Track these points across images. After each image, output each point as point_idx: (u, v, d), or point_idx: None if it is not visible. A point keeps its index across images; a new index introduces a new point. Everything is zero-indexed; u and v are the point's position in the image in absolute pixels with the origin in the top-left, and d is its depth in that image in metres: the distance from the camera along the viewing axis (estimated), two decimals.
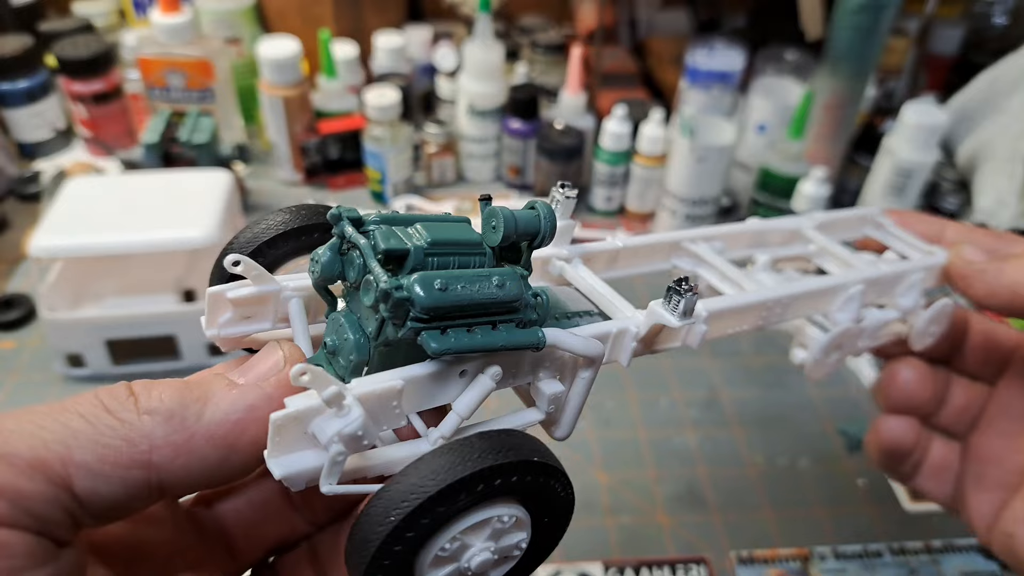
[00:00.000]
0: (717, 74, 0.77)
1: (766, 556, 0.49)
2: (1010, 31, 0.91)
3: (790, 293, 0.27)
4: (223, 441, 0.18)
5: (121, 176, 0.69)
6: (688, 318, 0.21)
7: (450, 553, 0.18)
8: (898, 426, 0.35)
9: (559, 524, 0.20)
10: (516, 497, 0.18)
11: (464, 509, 0.17)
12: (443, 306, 0.17)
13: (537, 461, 0.18)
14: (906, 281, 0.32)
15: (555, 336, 0.19)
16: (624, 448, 0.55)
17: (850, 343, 0.30)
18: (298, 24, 0.85)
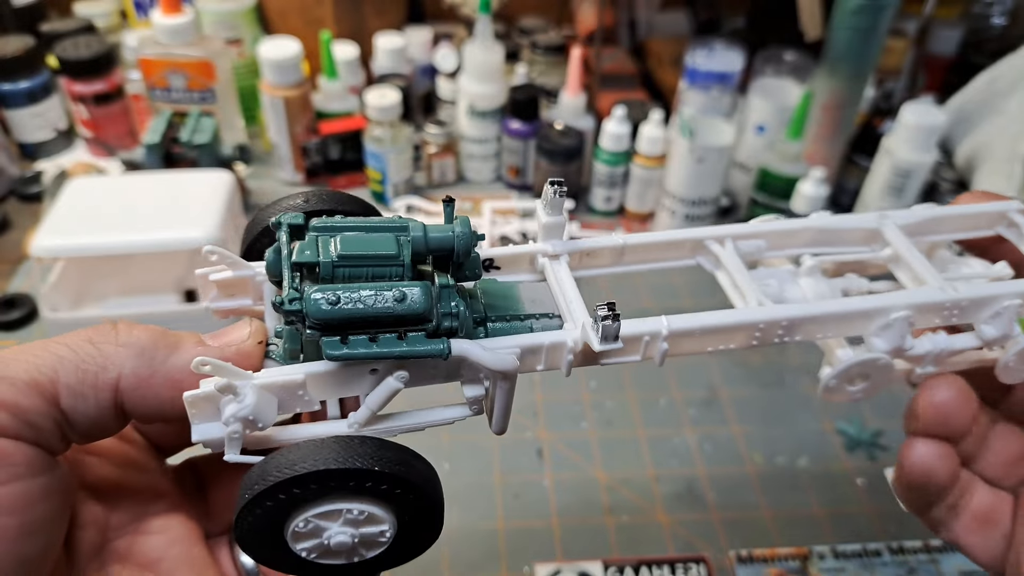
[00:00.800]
0: (716, 75, 0.77)
1: (765, 555, 0.49)
2: (1008, 32, 0.91)
3: (791, 315, 0.24)
4: (178, 386, 0.21)
5: (122, 176, 0.69)
6: (611, 343, 0.21)
7: (307, 531, 0.20)
8: (929, 452, 0.28)
9: (424, 524, 0.21)
10: (368, 497, 0.20)
11: (316, 497, 0.19)
12: (333, 319, 0.19)
13: (381, 472, 0.19)
14: (991, 307, 0.26)
15: (463, 348, 0.20)
16: (624, 447, 0.56)
17: (881, 374, 0.26)
18: (299, 25, 0.85)
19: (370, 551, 0.21)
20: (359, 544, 0.21)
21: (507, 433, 0.59)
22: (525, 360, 0.22)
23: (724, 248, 0.27)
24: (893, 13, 0.70)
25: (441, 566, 0.48)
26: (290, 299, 0.19)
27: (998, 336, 0.26)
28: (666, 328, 0.23)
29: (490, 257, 0.25)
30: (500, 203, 0.79)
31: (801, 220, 0.28)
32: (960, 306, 0.26)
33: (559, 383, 0.60)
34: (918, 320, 0.26)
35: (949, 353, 0.27)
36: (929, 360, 0.27)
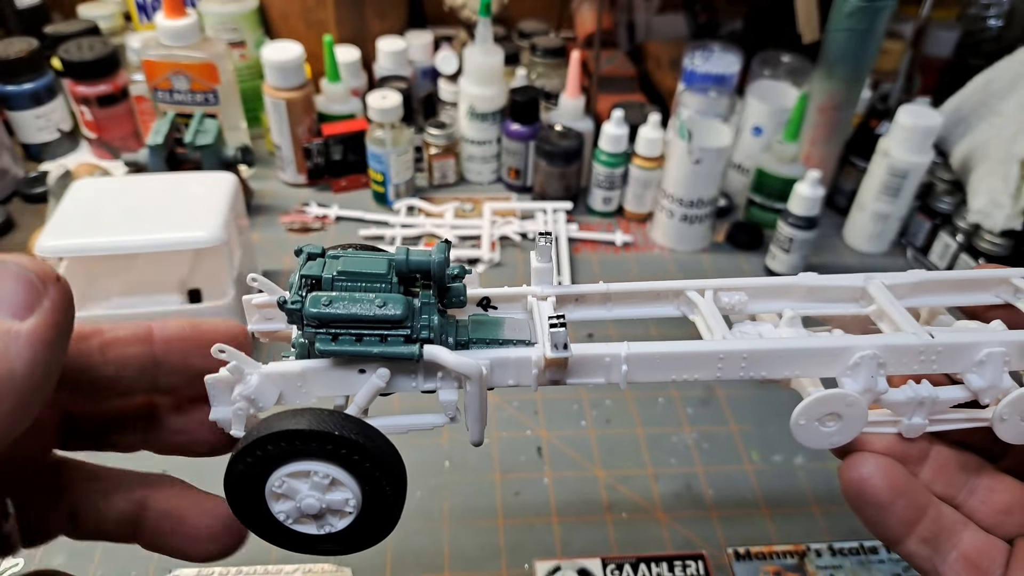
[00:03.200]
0: (714, 77, 0.78)
1: (762, 552, 0.49)
2: (1005, 34, 0.91)
3: (752, 348, 0.25)
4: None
5: (126, 178, 0.70)
6: (560, 351, 0.23)
7: (283, 491, 0.22)
8: (866, 464, 0.26)
9: (385, 500, 0.23)
10: (332, 461, 0.22)
11: (287, 456, 0.22)
12: (325, 316, 0.22)
13: (340, 436, 0.22)
14: (972, 354, 0.25)
15: (433, 352, 0.23)
16: (622, 445, 0.56)
17: (853, 415, 0.25)
18: (301, 28, 0.86)
19: (338, 521, 0.23)
20: (327, 511, 0.23)
21: (507, 431, 0.59)
22: (496, 373, 0.24)
23: (703, 296, 0.28)
24: (889, 15, 0.70)
25: (442, 563, 0.48)
26: (292, 301, 0.23)
27: (986, 386, 0.25)
28: (626, 350, 0.24)
29: (487, 296, 0.28)
30: (500, 204, 0.79)
31: (787, 278, 0.28)
32: (936, 351, 0.25)
33: None
34: (891, 363, 0.25)
35: (935, 404, 0.26)
36: (914, 411, 0.26)
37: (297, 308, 0.22)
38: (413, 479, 0.58)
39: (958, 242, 0.71)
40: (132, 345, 0.24)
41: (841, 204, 0.81)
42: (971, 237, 0.70)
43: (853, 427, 0.25)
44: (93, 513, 0.25)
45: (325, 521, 0.23)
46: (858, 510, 0.26)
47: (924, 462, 0.27)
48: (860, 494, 0.26)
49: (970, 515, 0.27)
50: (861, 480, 0.25)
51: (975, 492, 0.27)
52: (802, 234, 0.70)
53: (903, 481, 0.26)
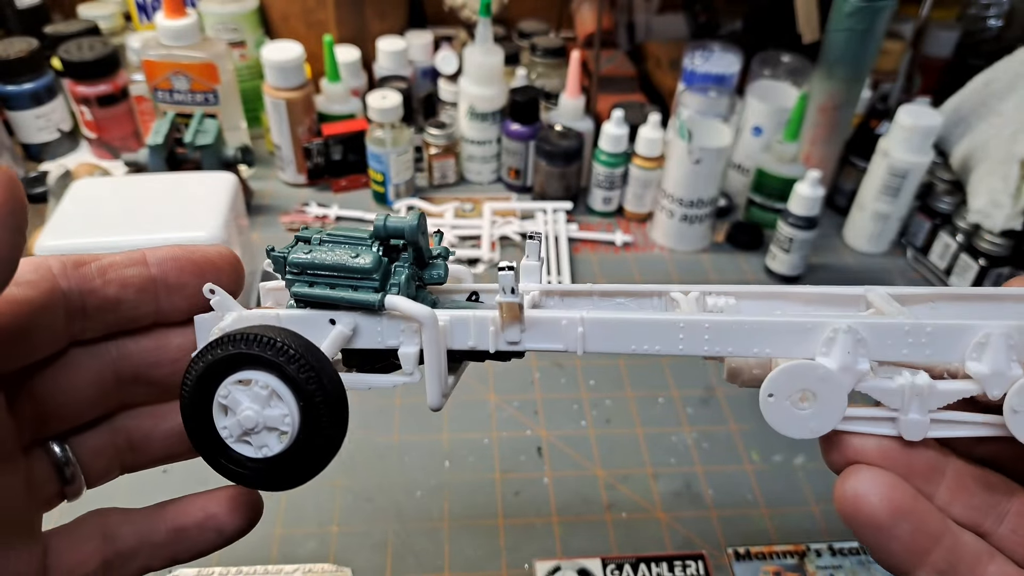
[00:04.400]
0: (714, 77, 0.78)
1: (762, 552, 0.49)
2: (1004, 34, 0.92)
3: (716, 319, 0.23)
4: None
5: (126, 178, 0.70)
6: (509, 295, 0.23)
7: (227, 402, 0.23)
8: (864, 480, 0.22)
9: (323, 420, 0.23)
10: (273, 373, 0.23)
11: (234, 362, 0.23)
12: (303, 263, 0.24)
13: (282, 344, 0.22)
14: (969, 336, 0.22)
15: (392, 301, 0.24)
16: (622, 445, 0.56)
17: (830, 397, 0.22)
18: (301, 28, 0.86)
19: (274, 442, 0.23)
20: (265, 428, 0.23)
21: (507, 431, 0.59)
22: (455, 331, 0.25)
23: (686, 296, 0.26)
24: (889, 15, 0.71)
25: (442, 563, 0.48)
26: (280, 250, 0.25)
27: (989, 372, 0.22)
28: (584, 314, 0.24)
29: (476, 291, 0.28)
30: (500, 204, 0.80)
31: (781, 287, 0.27)
32: (925, 332, 0.22)
33: (559, 382, 0.61)
34: (872, 342, 0.22)
35: (933, 396, 0.22)
36: (909, 403, 0.22)
37: (282, 256, 0.25)
38: (413, 479, 0.58)
39: (958, 242, 0.71)
40: (128, 267, 0.25)
41: (841, 204, 0.81)
42: (971, 237, 0.70)
43: (831, 412, 0.23)
44: (148, 440, 0.27)
45: (262, 441, 0.23)
46: (855, 532, 0.23)
47: (938, 480, 0.23)
48: (855, 514, 0.22)
49: (998, 545, 0.23)
50: (856, 497, 0.22)
51: (1005, 519, 0.23)
52: (802, 234, 0.70)
53: (907, 500, 0.22)
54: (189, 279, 0.25)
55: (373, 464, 0.54)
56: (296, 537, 0.49)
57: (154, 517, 0.26)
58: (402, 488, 0.52)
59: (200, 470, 0.25)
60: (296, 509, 0.51)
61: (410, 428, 0.56)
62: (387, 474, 0.53)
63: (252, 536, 0.29)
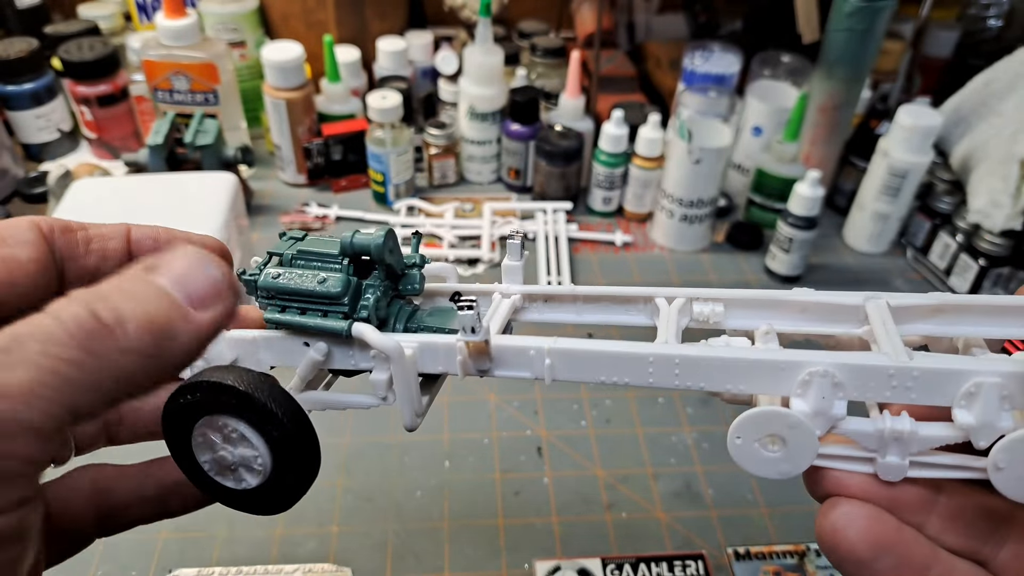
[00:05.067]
0: (714, 77, 0.78)
1: (762, 552, 0.49)
2: (1004, 34, 0.91)
3: (685, 354, 0.22)
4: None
5: (126, 178, 0.70)
6: (471, 334, 0.23)
7: (203, 441, 0.24)
8: (846, 514, 0.21)
9: (293, 464, 0.24)
10: (239, 418, 0.23)
11: (207, 406, 0.23)
12: (273, 289, 0.24)
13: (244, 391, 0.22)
14: (958, 383, 0.21)
15: (359, 330, 0.24)
16: (622, 445, 0.56)
17: (799, 443, 0.21)
18: (301, 28, 0.86)
19: (252, 478, 0.24)
20: (240, 465, 0.24)
21: (507, 431, 0.59)
22: (425, 357, 0.25)
23: (670, 305, 0.25)
24: (889, 15, 0.71)
25: (442, 563, 0.48)
26: (251, 273, 0.25)
27: (977, 424, 0.20)
28: (550, 345, 0.24)
29: (458, 291, 0.28)
30: (500, 204, 0.80)
31: (776, 292, 0.25)
32: (911, 376, 0.21)
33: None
34: (851, 385, 0.21)
35: (913, 441, 0.21)
36: (887, 447, 0.21)
37: (252, 280, 0.25)
38: (413, 479, 0.58)
39: (958, 242, 0.71)
40: (111, 239, 0.25)
41: (841, 204, 0.81)
42: (971, 237, 0.70)
43: (801, 456, 0.22)
44: (135, 413, 0.27)
45: (240, 477, 0.24)
46: (837, 567, 0.22)
47: (928, 509, 0.22)
48: (834, 548, 0.21)
49: (998, 572, 0.22)
50: (834, 532, 0.21)
51: (1005, 544, 0.22)
52: (802, 234, 0.70)
53: (889, 533, 0.21)
54: None
55: (373, 464, 0.54)
56: (296, 537, 0.49)
57: (146, 471, 0.26)
58: (402, 488, 0.52)
59: None
60: (296, 509, 0.50)
61: None
62: (387, 474, 0.53)
63: (252, 536, 0.29)
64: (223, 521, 0.49)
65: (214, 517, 0.48)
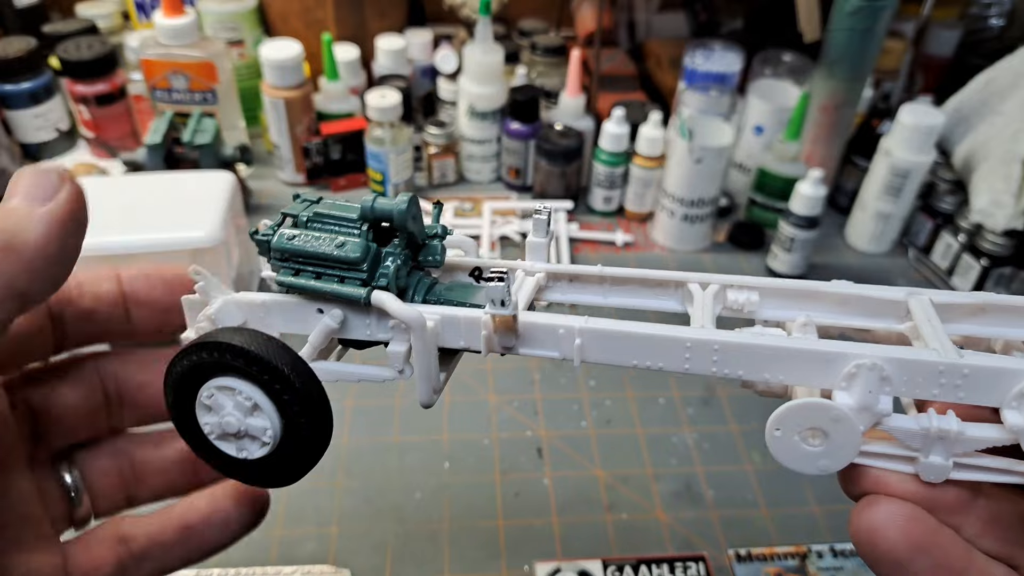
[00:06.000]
0: (715, 76, 0.78)
1: (764, 553, 0.49)
2: (1006, 33, 0.91)
3: (726, 340, 0.21)
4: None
5: (124, 177, 0.70)
6: (498, 307, 0.22)
7: (210, 403, 0.23)
8: (884, 512, 0.21)
9: (305, 435, 0.23)
10: (254, 384, 0.22)
11: (218, 368, 0.22)
12: (287, 250, 0.23)
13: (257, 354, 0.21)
14: (1010, 384, 0.20)
15: (379, 298, 0.22)
16: (623, 446, 0.56)
17: (841, 435, 0.21)
18: (300, 27, 0.86)
19: (255, 449, 0.23)
20: (246, 435, 0.23)
21: (507, 432, 0.59)
22: (446, 331, 0.23)
23: (704, 291, 0.25)
24: (891, 14, 0.70)
25: (442, 564, 0.48)
26: (264, 233, 0.24)
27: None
28: (582, 324, 0.22)
29: (479, 267, 0.27)
30: (500, 204, 0.79)
31: (814, 284, 0.24)
32: (961, 373, 0.20)
33: (559, 382, 0.61)
34: (899, 380, 0.21)
35: (959, 441, 0.21)
36: (931, 447, 0.21)
37: (266, 240, 0.23)
38: (413, 480, 0.58)
39: (960, 242, 0.71)
40: (103, 282, 0.26)
41: (843, 204, 0.80)
42: (973, 237, 0.70)
43: (843, 452, 0.21)
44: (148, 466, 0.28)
45: (243, 446, 0.23)
46: (872, 567, 0.21)
47: (966, 511, 0.22)
48: (871, 547, 0.21)
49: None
50: (872, 531, 0.21)
51: None
52: (804, 234, 0.69)
53: (929, 534, 0.21)
54: (159, 295, 0.26)
55: (373, 465, 0.54)
56: (295, 538, 0.49)
57: (164, 517, 0.27)
58: (402, 489, 0.52)
59: None
60: (295, 510, 0.50)
61: (410, 429, 0.56)
62: (387, 475, 0.53)
63: (251, 537, 0.29)
64: None
65: None
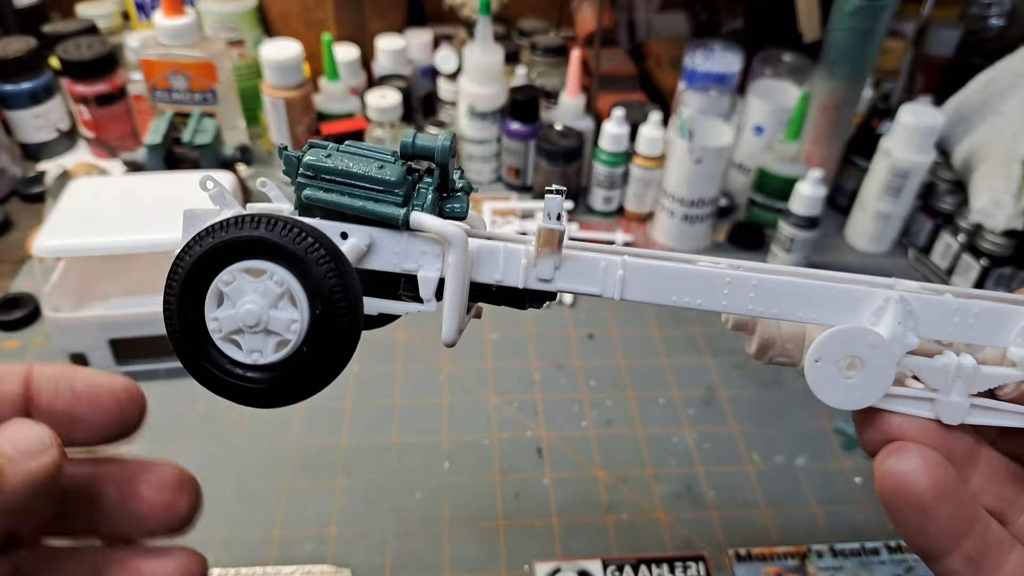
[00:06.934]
0: (715, 76, 0.78)
1: (764, 553, 0.49)
2: (1006, 33, 0.91)
3: (766, 277, 0.23)
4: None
5: (124, 177, 0.70)
6: (554, 221, 0.22)
7: (228, 291, 0.20)
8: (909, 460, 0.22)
9: (339, 331, 0.21)
10: (291, 269, 0.20)
11: (252, 247, 0.20)
12: (320, 167, 0.22)
13: (318, 238, 0.20)
14: (1015, 322, 0.22)
15: (419, 218, 0.22)
16: (623, 446, 0.56)
17: (877, 366, 0.22)
18: (300, 27, 0.86)
19: (270, 350, 0.21)
20: (264, 331, 0.20)
21: (507, 432, 0.59)
22: (483, 263, 0.23)
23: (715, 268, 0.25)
24: (891, 14, 0.70)
25: (441, 564, 0.48)
26: (293, 150, 0.22)
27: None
28: (625, 258, 0.23)
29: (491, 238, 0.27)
30: (500, 204, 0.79)
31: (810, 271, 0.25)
32: (972, 313, 0.22)
33: (559, 383, 0.61)
34: (920, 315, 0.22)
35: (976, 378, 0.22)
36: (951, 384, 0.22)
37: (296, 156, 0.22)
38: (413, 480, 0.58)
39: (960, 242, 0.71)
40: (5, 381, 0.23)
41: (842, 204, 0.80)
42: (973, 237, 0.70)
43: (877, 382, 0.22)
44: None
45: (256, 345, 0.21)
46: (895, 513, 0.22)
47: (973, 466, 0.23)
48: (899, 493, 0.22)
49: (1018, 535, 0.23)
50: (902, 475, 0.21)
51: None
52: (803, 234, 0.69)
53: (951, 483, 0.22)
54: (60, 404, 0.23)
55: (372, 465, 0.54)
56: (295, 538, 0.49)
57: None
58: (401, 489, 0.52)
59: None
60: (295, 510, 0.50)
61: (410, 429, 0.56)
62: (386, 475, 0.53)
63: (251, 537, 0.28)
64: (221, 522, 0.49)
65: (212, 519, 0.48)
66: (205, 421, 0.56)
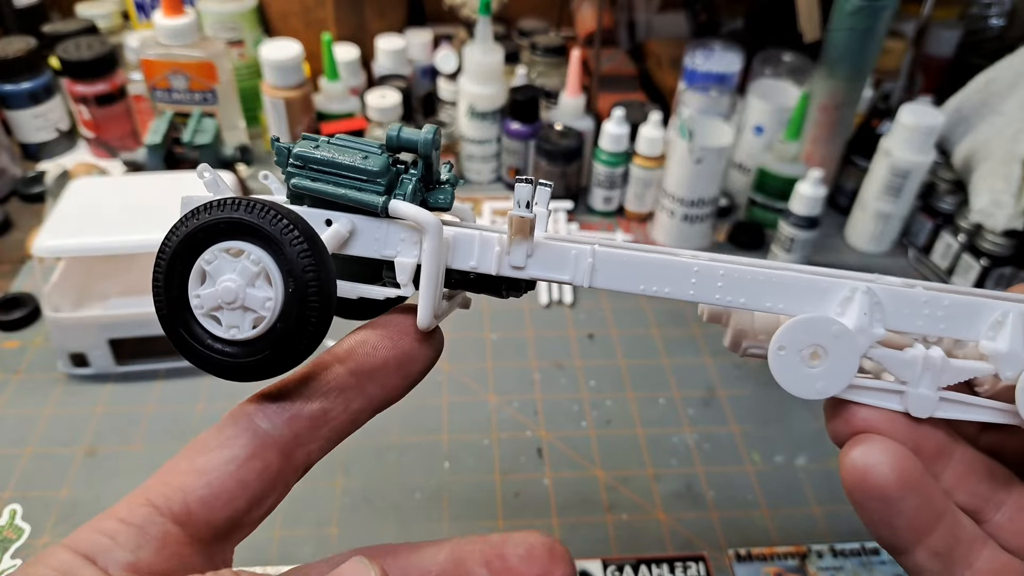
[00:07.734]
0: (715, 76, 0.78)
1: (764, 553, 0.49)
2: (1006, 33, 0.91)
3: (733, 267, 0.23)
4: None
5: (124, 177, 0.70)
6: (523, 209, 0.23)
7: (210, 269, 0.22)
8: (872, 450, 0.21)
9: (310, 310, 0.22)
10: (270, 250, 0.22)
11: (230, 226, 0.21)
12: (308, 158, 0.23)
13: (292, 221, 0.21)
14: (987, 314, 0.22)
15: (396, 206, 0.23)
16: (623, 446, 0.56)
17: (841, 356, 0.22)
18: (300, 27, 0.86)
19: (246, 326, 0.22)
20: (241, 307, 0.22)
21: (507, 432, 0.59)
22: (459, 247, 0.24)
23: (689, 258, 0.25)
24: (891, 14, 0.70)
25: None
26: (285, 142, 0.24)
27: (1006, 351, 0.21)
28: (595, 247, 0.23)
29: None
30: (500, 204, 0.79)
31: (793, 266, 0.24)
32: (942, 305, 0.22)
33: (559, 383, 0.61)
34: (889, 306, 0.22)
35: (945, 371, 0.22)
36: (920, 376, 0.22)
37: (286, 147, 0.24)
38: (412, 480, 0.58)
39: (960, 242, 0.71)
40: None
41: (843, 204, 0.80)
42: (973, 237, 0.70)
43: (840, 373, 0.22)
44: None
45: (234, 321, 0.22)
46: (859, 505, 0.22)
47: (945, 462, 0.23)
48: (862, 484, 0.21)
49: (993, 533, 0.23)
50: (865, 467, 0.21)
51: (1002, 508, 0.23)
52: (804, 234, 0.69)
53: (916, 475, 0.21)
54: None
55: (372, 465, 0.54)
56: (295, 538, 0.49)
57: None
58: (401, 489, 0.52)
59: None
60: (295, 510, 0.50)
61: (409, 429, 0.56)
62: (386, 475, 0.53)
63: (250, 537, 0.28)
64: None
65: None
66: (205, 421, 0.56)
